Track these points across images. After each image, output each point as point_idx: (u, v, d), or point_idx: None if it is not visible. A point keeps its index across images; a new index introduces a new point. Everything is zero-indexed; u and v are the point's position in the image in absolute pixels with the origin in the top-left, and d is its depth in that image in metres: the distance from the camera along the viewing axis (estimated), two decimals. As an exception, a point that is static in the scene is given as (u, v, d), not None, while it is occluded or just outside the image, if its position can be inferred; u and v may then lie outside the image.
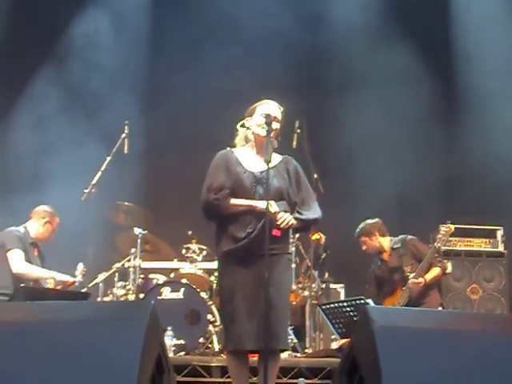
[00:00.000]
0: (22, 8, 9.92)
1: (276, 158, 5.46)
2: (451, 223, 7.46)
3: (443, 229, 7.43)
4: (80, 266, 7.46)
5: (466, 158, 10.13)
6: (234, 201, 5.25)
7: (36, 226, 7.68)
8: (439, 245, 7.38)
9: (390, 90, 10.21)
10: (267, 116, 5.29)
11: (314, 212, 5.45)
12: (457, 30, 10.49)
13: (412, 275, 7.36)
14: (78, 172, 8.78)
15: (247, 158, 5.43)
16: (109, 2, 10.27)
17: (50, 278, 7.37)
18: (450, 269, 8.60)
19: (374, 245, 7.82)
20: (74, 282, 7.41)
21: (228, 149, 5.55)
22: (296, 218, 5.30)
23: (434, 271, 7.52)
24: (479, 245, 9.22)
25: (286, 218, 5.17)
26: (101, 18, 10.15)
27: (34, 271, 7.36)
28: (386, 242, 7.83)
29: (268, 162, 5.11)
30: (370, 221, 7.90)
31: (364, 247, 7.86)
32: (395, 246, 7.76)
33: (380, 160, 10.02)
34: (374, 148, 10.03)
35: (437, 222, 8.78)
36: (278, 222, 5.14)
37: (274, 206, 5.14)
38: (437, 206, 9.74)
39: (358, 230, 7.90)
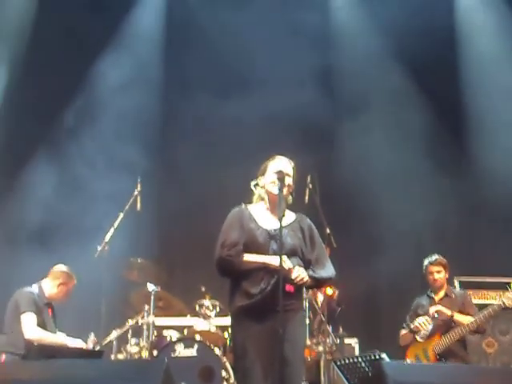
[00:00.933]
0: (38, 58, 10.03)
1: (290, 216, 5.50)
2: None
3: None
4: (91, 336, 7.47)
5: (479, 211, 10.13)
6: (247, 257, 5.27)
7: (50, 286, 7.65)
8: (504, 301, 7.22)
9: (400, 138, 10.26)
10: (279, 172, 5.36)
11: (327, 271, 5.49)
12: (464, 62, 10.59)
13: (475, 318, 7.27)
14: (92, 228, 8.82)
15: (261, 214, 5.47)
16: (124, 58, 10.46)
17: (63, 345, 7.33)
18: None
19: (443, 280, 7.76)
20: None
21: (242, 205, 5.58)
22: (310, 276, 5.32)
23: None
24: (493, 297, 9.15)
25: (300, 274, 5.19)
26: (114, 74, 10.30)
27: (46, 337, 7.28)
28: (446, 285, 7.81)
29: (281, 218, 5.14)
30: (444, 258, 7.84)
31: (436, 276, 7.72)
32: (451, 295, 7.70)
33: (391, 212, 10.02)
34: (384, 200, 10.04)
35: (451, 275, 8.78)
36: (293, 277, 5.15)
37: (287, 262, 5.15)
38: (450, 258, 9.70)
39: (440, 258, 7.78)
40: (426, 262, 7.80)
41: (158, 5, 10.97)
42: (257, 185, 5.60)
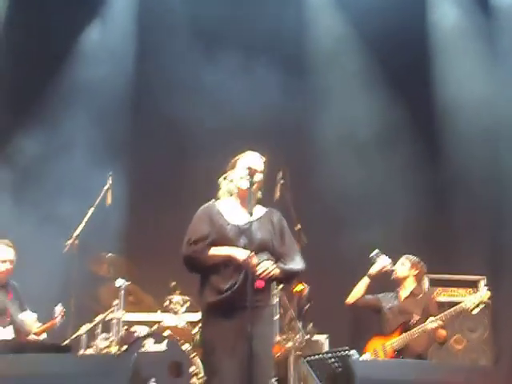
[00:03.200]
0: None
1: (260, 211, 5.51)
2: (488, 289, 7.35)
3: (479, 293, 7.33)
4: (58, 308, 7.39)
5: (448, 207, 10.19)
6: (213, 250, 5.27)
7: None
8: (467, 306, 7.23)
9: (372, 139, 10.31)
10: (249, 168, 5.36)
11: (296, 264, 5.50)
12: (437, 85, 10.65)
13: (432, 319, 7.28)
14: (61, 223, 8.76)
15: (231, 210, 5.47)
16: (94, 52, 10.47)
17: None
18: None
19: (403, 274, 7.76)
20: (54, 323, 7.33)
21: (212, 201, 5.58)
22: (279, 268, 5.33)
23: (443, 332, 7.47)
24: (463, 295, 9.21)
25: (267, 268, 5.19)
26: (86, 66, 10.32)
27: None
28: (411, 283, 7.79)
29: (251, 213, 5.15)
30: (420, 261, 7.86)
31: (396, 266, 7.77)
32: (418, 294, 7.71)
33: (360, 212, 10.05)
34: (355, 197, 10.06)
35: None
36: (258, 273, 5.16)
37: (253, 258, 5.15)
38: (419, 255, 9.75)
39: (407, 255, 7.85)
40: None
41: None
42: (225, 179, 5.61)
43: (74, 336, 7.90)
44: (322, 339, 8.87)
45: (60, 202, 9.32)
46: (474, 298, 7.30)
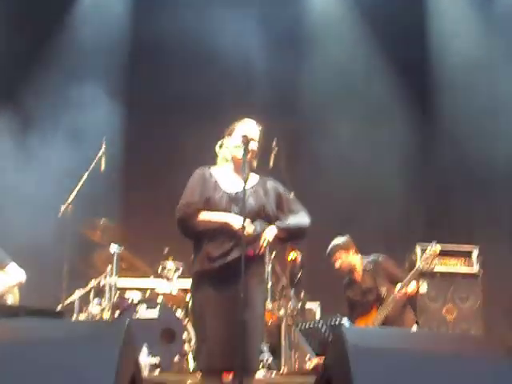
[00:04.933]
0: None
1: (254, 179, 5.46)
2: (437, 243, 7.27)
3: (429, 249, 7.25)
4: None
5: (442, 178, 10.20)
6: (206, 215, 5.22)
7: None
8: (422, 266, 7.18)
9: (366, 110, 10.31)
10: (244, 137, 5.31)
11: (297, 218, 5.40)
12: (434, 60, 10.66)
13: (398, 288, 7.25)
14: (55, 188, 8.75)
15: (225, 177, 5.42)
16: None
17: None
18: (425, 289, 8.60)
19: (348, 261, 7.54)
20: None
21: (206, 167, 5.53)
22: (277, 227, 5.28)
23: (413, 285, 7.40)
24: (455, 265, 9.23)
25: (262, 244, 5.18)
26: (82, 28, 10.28)
27: None
28: (358, 260, 7.60)
29: (245, 182, 5.12)
30: (342, 237, 7.66)
31: (338, 264, 7.56)
32: (368, 268, 7.55)
33: (354, 180, 10.05)
34: (347, 168, 10.07)
35: (413, 242, 8.84)
36: (261, 244, 5.15)
37: (249, 227, 5.09)
38: (412, 225, 9.78)
39: (332, 245, 7.60)
40: None
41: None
42: (221, 146, 5.57)
43: (67, 301, 7.92)
44: (314, 307, 8.91)
45: (54, 165, 9.32)
46: (426, 256, 7.21)
